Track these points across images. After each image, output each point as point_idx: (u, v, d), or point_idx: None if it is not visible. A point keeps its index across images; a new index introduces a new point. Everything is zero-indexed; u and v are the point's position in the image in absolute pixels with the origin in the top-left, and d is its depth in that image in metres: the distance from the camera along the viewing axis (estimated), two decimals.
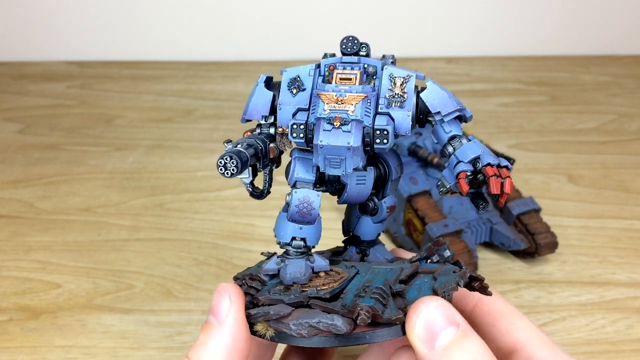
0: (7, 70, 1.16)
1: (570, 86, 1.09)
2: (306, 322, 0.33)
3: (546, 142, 0.90)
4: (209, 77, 1.14)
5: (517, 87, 1.09)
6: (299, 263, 0.37)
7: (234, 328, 0.34)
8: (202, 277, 0.63)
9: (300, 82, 0.38)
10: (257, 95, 0.39)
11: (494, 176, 0.34)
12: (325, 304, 0.34)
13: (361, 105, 0.36)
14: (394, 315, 0.33)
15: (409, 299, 0.35)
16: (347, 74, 0.37)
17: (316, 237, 0.38)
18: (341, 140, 0.35)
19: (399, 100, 0.36)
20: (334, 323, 0.33)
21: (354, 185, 0.38)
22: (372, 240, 0.42)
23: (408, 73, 0.36)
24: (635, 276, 0.62)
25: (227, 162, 0.35)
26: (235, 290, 0.35)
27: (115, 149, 0.89)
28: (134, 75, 1.15)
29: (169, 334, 0.56)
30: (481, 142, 0.36)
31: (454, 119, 0.36)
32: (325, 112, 0.36)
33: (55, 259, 0.66)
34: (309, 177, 0.37)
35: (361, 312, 0.32)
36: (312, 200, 0.37)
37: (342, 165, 0.35)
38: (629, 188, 0.78)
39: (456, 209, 0.65)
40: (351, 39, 0.37)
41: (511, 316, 0.39)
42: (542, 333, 0.38)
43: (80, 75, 1.15)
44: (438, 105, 0.36)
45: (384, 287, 0.34)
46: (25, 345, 0.55)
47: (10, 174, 0.82)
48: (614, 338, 0.55)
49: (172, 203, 0.76)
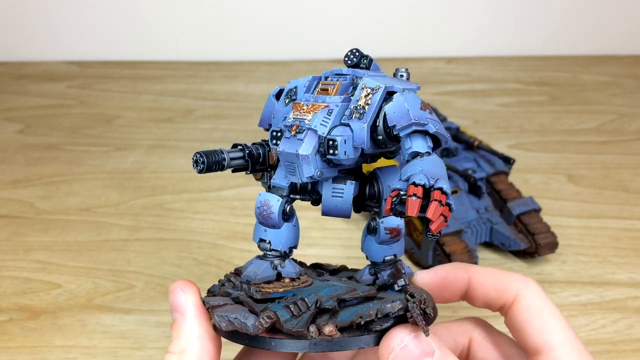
0: (7, 70, 1.17)
1: (570, 86, 1.09)
2: (226, 315, 0.34)
3: (546, 142, 0.90)
4: (209, 77, 1.14)
5: (517, 87, 1.09)
6: (260, 264, 0.38)
7: (196, 311, 0.36)
8: (202, 277, 0.63)
9: (293, 93, 0.38)
10: (266, 105, 0.40)
11: (412, 196, 0.29)
12: (252, 303, 0.35)
13: (320, 114, 0.35)
14: (298, 328, 0.32)
15: (338, 319, 0.34)
16: (327, 84, 0.37)
17: (283, 242, 0.38)
18: (293, 147, 0.35)
19: (360, 112, 0.35)
20: (245, 322, 0.33)
21: (330, 197, 0.38)
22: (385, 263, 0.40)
23: (378, 84, 0.34)
24: (635, 276, 0.62)
25: (197, 159, 0.37)
26: (186, 283, 0.37)
27: (115, 149, 0.89)
28: (134, 75, 1.15)
29: (169, 334, 0.56)
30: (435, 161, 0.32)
31: (420, 135, 0.33)
32: (290, 120, 0.36)
33: (55, 259, 0.66)
34: (283, 183, 0.38)
35: (262, 314, 0.33)
36: (272, 205, 0.38)
37: (296, 173, 0.36)
38: (629, 188, 0.78)
39: (456, 209, 0.65)
40: (353, 52, 0.37)
41: (547, 315, 0.37)
42: (576, 338, 0.36)
43: (80, 75, 1.15)
44: (394, 119, 0.33)
45: (307, 299, 0.34)
46: (25, 345, 0.55)
47: (10, 174, 0.82)
48: (614, 338, 0.55)
49: (172, 203, 0.76)
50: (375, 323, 0.33)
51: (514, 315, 0.38)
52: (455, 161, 0.68)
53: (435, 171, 0.31)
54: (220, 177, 0.81)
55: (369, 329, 0.33)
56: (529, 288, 0.38)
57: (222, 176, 0.81)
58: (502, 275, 0.39)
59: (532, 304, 0.38)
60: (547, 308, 0.38)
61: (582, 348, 0.36)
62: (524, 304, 0.38)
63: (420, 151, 0.33)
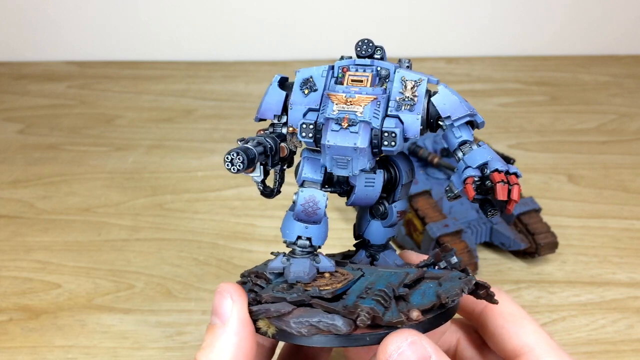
0: (7, 70, 1.16)
1: (570, 86, 1.09)
2: (306, 320, 0.33)
3: (546, 142, 0.90)
4: (209, 77, 1.14)
5: (517, 87, 1.09)
6: (303, 262, 0.37)
7: (239, 327, 0.34)
8: (202, 277, 0.63)
9: (312, 83, 0.38)
10: (270, 94, 0.39)
11: (500, 182, 0.33)
12: (327, 304, 0.34)
13: (370, 106, 0.36)
14: (395, 318, 0.33)
15: (412, 303, 0.35)
16: (359, 75, 0.37)
17: (322, 237, 0.38)
18: (348, 141, 0.35)
19: (409, 104, 0.36)
20: (334, 323, 0.33)
21: (363, 187, 0.38)
22: (383, 244, 0.42)
23: (420, 77, 0.36)
24: (635, 276, 0.62)
25: (233, 158, 0.35)
26: (237, 289, 0.35)
27: (115, 149, 0.89)
28: (134, 75, 1.15)
29: (169, 334, 0.56)
30: (491, 149, 0.36)
31: (465, 124, 0.36)
32: (334, 113, 0.36)
33: (55, 259, 0.66)
34: (317, 177, 0.37)
35: (361, 312, 0.32)
36: (318, 200, 0.37)
37: (348, 166, 0.35)
38: (629, 188, 0.78)
39: (456, 209, 0.65)
40: (366, 42, 0.37)
41: (521, 319, 0.38)
42: (550, 339, 0.38)
43: (80, 75, 1.15)
44: (448, 110, 0.36)
45: (386, 289, 0.34)
46: (25, 345, 0.55)
47: (10, 174, 0.82)
48: (614, 338, 0.55)
49: (172, 203, 0.76)
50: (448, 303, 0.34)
51: (487, 322, 0.40)
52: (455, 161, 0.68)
53: (500, 157, 0.35)
54: (220, 177, 0.81)
55: (444, 306, 0.35)
56: (501, 296, 0.39)
57: (222, 176, 0.81)
58: None
59: (505, 310, 0.39)
60: (519, 313, 0.39)
61: (557, 347, 0.37)
62: (497, 311, 0.39)
63: (468, 139, 0.36)
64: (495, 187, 0.33)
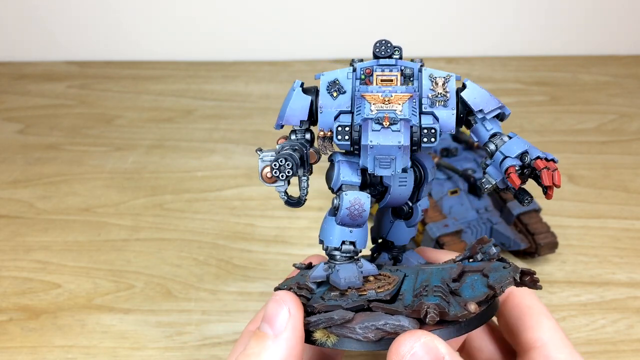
0: (7, 70, 1.16)
1: (570, 86, 1.09)
2: (372, 324, 0.33)
3: (546, 142, 0.90)
4: (209, 77, 1.14)
5: (517, 87, 1.09)
6: (350, 268, 0.36)
7: (292, 341, 0.33)
8: (202, 277, 0.63)
9: (339, 85, 0.37)
10: (294, 100, 0.38)
11: (545, 169, 0.35)
12: (388, 306, 0.34)
13: (408, 104, 0.36)
14: (460, 312, 0.33)
15: (464, 296, 0.35)
16: (388, 75, 0.37)
17: (365, 240, 0.38)
18: (392, 139, 0.35)
19: (442, 100, 0.36)
20: (401, 324, 0.33)
21: (397, 187, 0.38)
22: (403, 245, 0.42)
23: (448, 73, 0.37)
24: (635, 276, 0.62)
25: (281, 165, 0.34)
26: (295, 301, 0.34)
27: (115, 149, 0.89)
28: (134, 75, 1.15)
29: (169, 334, 0.56)
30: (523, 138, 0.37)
31: (494, 117, 0.37)
32: (373, 113, 0.36)
33: (55, 259, 0.66)
34: (355, 179, 0.37)
35: (429, 310, 0.32)
36: (364, 202, 0.37)
37: (392, 165, 0.35)
38: (629, 188, 0.78)
39: (456, 209, 0.65)
40: (384, 43, 0.37)
41: (539, 314, 0.39)
42: (565, 337, 0.38)
43: (80, 75, 1.15)
44: (480, 104, 0.37)
45: (442, 285, 0.34)
46: (25, 345, 0.55)
47: (10, 174, 0.82)
48: (614, 338, 0.55)
49: (172, 203, 0.76)
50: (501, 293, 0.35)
51: (506, 313, 0.40)
52: (455, 161, 0.68)
53: (533, 146, 0.36)
54: (220, 177, 0.81)
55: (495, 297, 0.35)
56: (520, 288, 0.38)
57: (222, 176, 0.81)
58: None
59: (524, 303, 0.39)
60: (538, 307, 0.39)
61: (571, 345, 0.37)
62: (516, 303, 0.39)
63: (499, 131, 0.37)
64: (541, 173, 0.35)
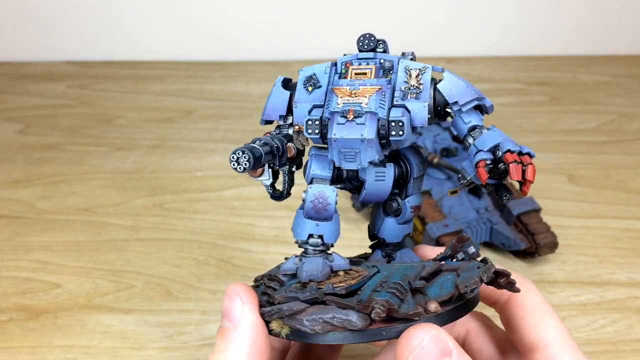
0: (7, 70, 1.16)
1: (570, 86, 1.09)
2: (320, 317, 0.33)
3: (546, 142, 0.90)
4: (209, 77, 1.14)
5: (517, 87, 1.09)
6: (316, 261, 0.36)
7: (251, 329, 0.33)
8: (202, 277, 0.63)
9: (315, 80, 0.37)
10: (274, 95, 0.39)
11: (514, 162, 0.33)
12: (341, 300, 0.33)
13: (375, 97, 0.35)
14: (412, 310, 0.32)
15: (430, 295, 0.34)
16: (362, 68, 0.37)
17: (334, 234, 0.37)
18: (355, 132, 0.34)
19: (415, 92, 0.35)
20: (349, 318, 0.32)
21: (373, 181, 0.38)
22: (398, 243, 0.41)
23: (424, 65, 0.36)
24: (635, 276, 0.62)
25: (239, 157, 0.34)
26: (246, 290, 0.35)
27: (115, 149, 0.89)
28: (134, 75, 1.15)
29: (169, 334, 0.56)
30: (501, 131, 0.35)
31: (473, 109, 0.36)
32: (339, 106, 0.35)
33: (55, 259, 0.66)
34: (325, 173, 0.37)
35: (376, 306, 0.32)
36: (328, 196, 0.37)
37: (357, 159, 0.35)
38: (629, 188, 0.78)
39: (456, 209, 0.65)
40: (367, 36, 0.37)
41: (543, 313, 0.38)
42: (569, 337, 0.37)
43: (80, 75, 1.15)
44: (455, 95, 0.35)
45: (402, 282, 0.34)
46: (25, 345, 0.55)
47: (10, 174, 0.82)
48: (614, 338, 0.55)
49: (172, 203, 0.76)
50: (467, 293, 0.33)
51: (509, 312, 0.39)
52: (455, 161, 0.68)
53: (510, 139, 0.34)
54: (220, 177, 0.81)
55: (463, 297, 0.34)
56: (524, 286, 0.38)
57: (222, 176, 0.81)
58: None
59: (527, 302, 0.38)
60: (543, 306, 0.38)
61: (575, 347, 0.37)
62: (520, 302, 0.38)
63: (478, 124, 0.35)
64: (508, 167, 0.33)
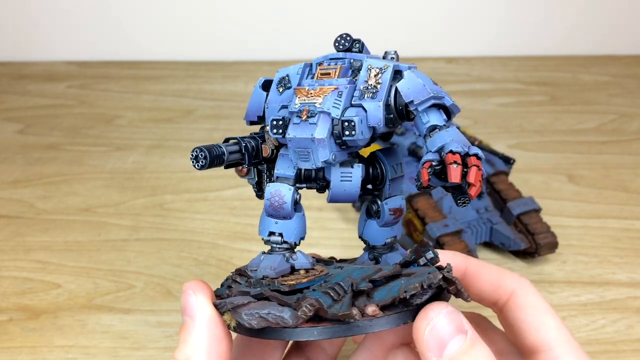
0: (7, 70, 1.17)
1: (570, 86, 1.09)
2: (257, 312, 0.33)
3: (546, 142, 0.90)
4: (209, 77, 1.14)
5: (517, 87, 1.09)
6: (274, 258, 0.37)
7: (206, 318, 0.34)
8: (202, 277, 0.63)
9: (287, 80, 0.38)
10: (253, 96, 0.39)
11: (453, 163, 0.31)
12: (281, 297, 0.34)
13: (330, 97, 0.35)
14: (342, 311, 0.32)
15: (375, 299, 0.33)
16: (328, 69, 0.36)
17: (295, 232, 0.38)
18: (306, 132, 0.34)
19: (372, 91, 0.35)
20: (282, 315, 0.32)
21: (339, 181, 0.37)
22: (386, 246, 0.40)
23: (386, 64, 0.35)
24: (635, 276, 0.62)
25: (197, 154, 0.35)
26: (199, 284, 0.36)
27: (115, 149, 0.89)
28: (134, 75, 1.15)
29: (169, 334, 0.56)
30: (459, 131, 0.33)
31: (435, 109, 0.34)
32: (296, 106, 0.35)
33: (55, 259, 0.66)
34: (289, 172, 0.37)
35: (303, 304, 0.32)
36: (284, 194, 0.37)
37: (310, 158, 0.35)
38: (629, 188, 0.78)
39: (456, 209, 0.65)
40: (344, 37, 0.37)
41: (543, 314, 0.37)
42: (571, 337, 0.36)
43: (80, 75, 1.15)
44: (411, 94, 0.34)
45: (342, 283, 0.33)
46: (25, 345, 0.55)
47: (10, 174, 0.82)
48: (614, 338, 0.55)
49: (172, 203, 0.76)
50: (415, 297, 0.33)
51: (509, 313, 0.38)
52: None
53: (463, 140, 0.33)
54: (220, 177, 0.81)
55: (410, 304, 0.33)
56: (524, 287, 0.38)
57: (222, 176, 0.81)
58: (499, 271, 0.39)
59: (528, 303, 0.38)
60: (543, 307, 0.38)
61: (578, 347, 0.36)
62: (520, 302, 0.38)
63: (438, 124, 0.33)
64: (447, 168, 0.31)
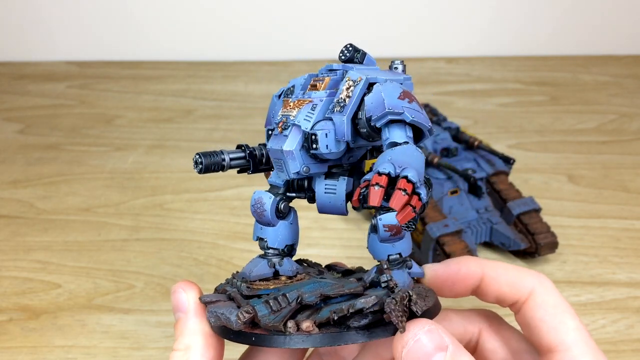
0: (7, 70, 1.17)
1: (570, 86, 1.09)
2: (215, 311, 0.35)
3: (546, 142, 0.90)
4: (209, 77, 1.14)
5: (517, 87, 1.09)
6: (257, 262, 0.38)
7: (198, 310, 0.36)
8: (202, 277, 0.63)
9: (290, 92, 0.38)
10: (270, 105, 0.40)
11: (375, 185, 0.29)
12: (240, 300, 0.35)
13: (303, 110, 0.35)
14: (274, 322, 0.32)
15: (321, 315, 0.33)
16: (317, 80, 0.37)
17: (279, 239, 0.38)
18: (279, 144, 0.35)
19: (341, 104, 0.34)
20: (229, 317, 0.34)
21: (323, 193, 0.37)
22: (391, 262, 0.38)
23: (360, 76, 0.34)
24: (635, 276, 0.62)
25: (197, 159, 0.38)
26: (187, 283, 0.37)
27: (115, 149, 0.89)
28: (134, 75, 1.15)
29: (169, 334, 0.56)
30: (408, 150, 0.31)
31: (400, 124, 0.32)
32: (278, 118, 0.37)
33: (55, 259, 0.66)
34: (279, 181, 0.38)
35: (241, 309, 0.33)
36: (264, 202, 0.38)
37: (284, 169, 0.36)
38: (629, 188, 0.78)
39: (456, 209, 0.65)
40: (347, 47, 0.37)
41: (562, 313, 0.36)
42: (589, 338, 0.36)
43: (80, 75, 1.15)
44: (371, 109, 0.33)
45: (288, 295, 0.34)
46: (25, 345, 0.55)
47: (10, 174, 0.82)
48: (614, 338, 0.55)
49: (172, 203, 0.76)
50: (353, 319, 0.32)
51: (527, 312, 0.38)
52: (455, 161, 0.68)
53: (405, 160, 0.30)
54: (220, 177, 0.81)
55: (347, 325, 0.32)
56: (543, 285, 0.37)
57: (222, 176, 0.81)
58: (516, 271, 0.39)
59: (547, 302, 0.37)
60: (562, 306, 0.37)
61: (596, 348, 0.36)
62: (539, 301, 0.37)
63: (397, 141, 0.32)
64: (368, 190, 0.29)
